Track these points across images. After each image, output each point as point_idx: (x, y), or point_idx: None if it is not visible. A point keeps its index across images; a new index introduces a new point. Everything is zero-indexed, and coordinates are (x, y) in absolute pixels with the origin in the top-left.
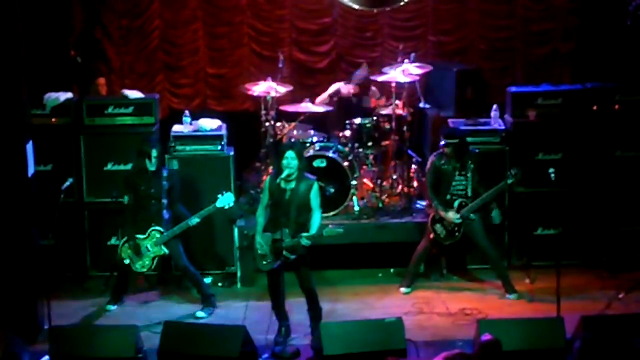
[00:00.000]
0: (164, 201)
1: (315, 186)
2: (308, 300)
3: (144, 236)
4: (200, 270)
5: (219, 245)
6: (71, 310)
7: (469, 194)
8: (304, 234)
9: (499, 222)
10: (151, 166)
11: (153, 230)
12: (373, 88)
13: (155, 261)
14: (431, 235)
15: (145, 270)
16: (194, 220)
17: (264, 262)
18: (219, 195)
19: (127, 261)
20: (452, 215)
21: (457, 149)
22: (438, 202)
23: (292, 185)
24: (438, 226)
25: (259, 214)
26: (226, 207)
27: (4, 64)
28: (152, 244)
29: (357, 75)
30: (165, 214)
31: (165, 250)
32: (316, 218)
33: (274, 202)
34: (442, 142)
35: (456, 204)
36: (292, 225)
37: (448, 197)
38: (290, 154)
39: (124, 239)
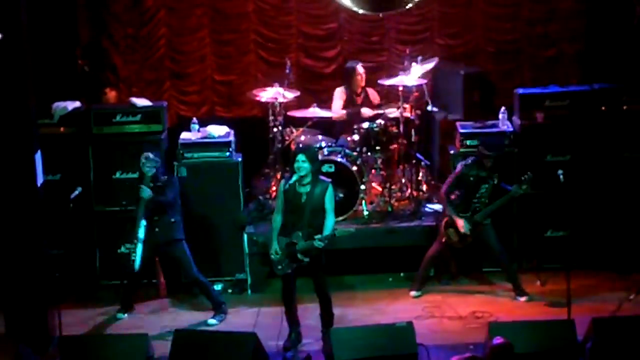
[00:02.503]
0: (164, 198)
1: (330, 189)
2: (322, 306)
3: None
4: (211, 278)
5: (228, 253)
6: (82, 320)
7: (487, 200)
8: (317, 236)
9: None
10: (143, 168)
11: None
12: (370, 90)
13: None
14: (443, 239)
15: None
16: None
17: (279, 267)
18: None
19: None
20: (462, 224)
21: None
22: (452, 207)
23: (308, 188)
24: (451, 230)
25: (274, 219)
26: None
27: (11, 74)
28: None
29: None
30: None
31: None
32: (330, 220)
33: (290, 206)
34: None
35: (468, 214)
36: (307, 229)
37: (472, 205)
38: (300, 157)
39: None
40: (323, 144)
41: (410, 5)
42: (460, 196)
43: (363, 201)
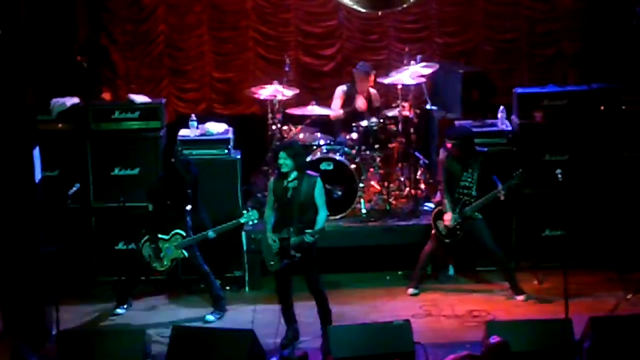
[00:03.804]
0: (188, 207)
1: (319, 183)
2: (317, 303)
3: (167, 237)
4: None
5: (226, 249)
6: (79, 315)
7: (474, 193)
8: (308, 231)
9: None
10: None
11: (176, 233)
12: (373, 90)
13: (174, 263)
14: (433, 231)
15: (163, 269)
16: (211, 234)
17: (272, 263)
18: (244, 212)
19: (147, 259)
20: (448, 217)
21: (461, 148)
22: (448, 195)
23: (295, 184)
24: (440, 222)
25: (266, 216)
26: (250, 223)
27: (10, 71)
28: (173, 247)
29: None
30: (189, 221)
31: (185, 253)
32: (321, 215)
33: (279, 202)
34: (448, 144)
35: (457, 208)
36: (297, 224)
37: (456, 195)
38: (282, 154)
39: (146, 237)
40: (322, 141)
41: (408, 3)
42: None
43: (361, 199)
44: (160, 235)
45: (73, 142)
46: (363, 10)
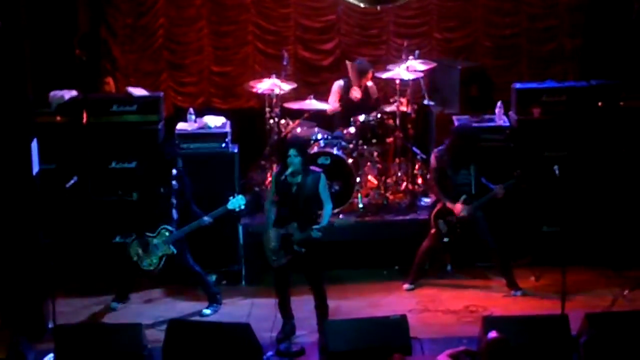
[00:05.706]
0: (173, 201)
1: (323, 178)
2: (316, 297)
3: (154, 234)
4: (205, 268)
5: (223, 243)
6: (76, 309)
7: (473, 191)
8: (315, 226)
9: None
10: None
11: (162, 228)
12: (370, 83)
13: (163, 260)
14: (432, 230)
15: (152, 268)
16: (206, 220)
17: (274, 259)
18: (230, 197)
19: (134, 259)
20: (459, 207)
21: (462, 146)
22: (445, 194)
23: (299, 179)
24: (441, 222)
25: (268, 210)
26: (237, 209)
27: (9, 63)
28: (161, 242)
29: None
30: (175, 214)
31: (173, 249)
32: (327, 210)
33: (281, 197)
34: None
35: (461, 199)
36: (301, 219)
37: (454, 193)
38: (292, 152)
39: (133, 236)
40: (319, 136)
41: None
42: (445, 184)
43: (358, 194)
44: (147, 233)
45: (71, 135)
46: (362, 6)
